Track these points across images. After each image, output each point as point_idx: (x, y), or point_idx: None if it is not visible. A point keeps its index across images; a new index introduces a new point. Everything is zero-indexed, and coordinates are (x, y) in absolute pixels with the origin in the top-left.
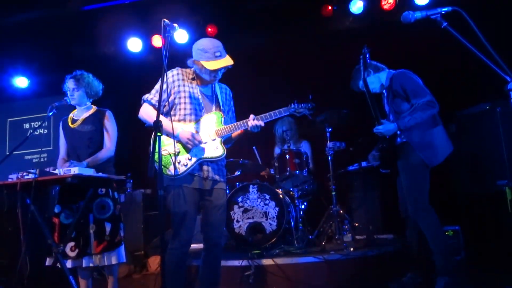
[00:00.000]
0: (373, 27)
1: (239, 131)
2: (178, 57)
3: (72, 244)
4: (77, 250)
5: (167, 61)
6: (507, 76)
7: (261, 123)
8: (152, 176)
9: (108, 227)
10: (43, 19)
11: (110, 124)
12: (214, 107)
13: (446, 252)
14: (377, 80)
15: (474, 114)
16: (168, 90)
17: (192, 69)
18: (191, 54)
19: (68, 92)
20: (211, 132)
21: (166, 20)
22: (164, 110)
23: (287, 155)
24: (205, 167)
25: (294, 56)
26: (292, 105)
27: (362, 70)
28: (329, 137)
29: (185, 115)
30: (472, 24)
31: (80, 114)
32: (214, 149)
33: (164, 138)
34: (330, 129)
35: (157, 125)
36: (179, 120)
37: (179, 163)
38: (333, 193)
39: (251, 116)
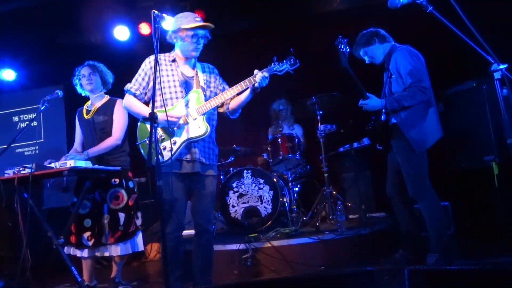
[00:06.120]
0: (359, 9)
1: (240, 98)
2: (165, 43)
3: (88, 234)
4: (93, 240)
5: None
6: (490, 57)
7: (266, 74)
8: (151, 166)
9: (121, 218)
10: (29, 9)
11: (119, 113)
12: (195, 86)
13: (441, 233)
14: (381, 51)
15: (461, 92)
16: (147, 78)
17: (173, 53)
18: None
19: (83, 80)
20: (192, 112)
21: (156, 11)
22: (146, 97)
23: (279, 140)
24: (192, 149)
25: (282, 40)
26: (273, 64)
27: (342, 58)
28: (320, 120)
29: (165, 99)
30: (456, 7)
31: (94, 104)
32: (196, 128)
33: (148, 127)
34: (321, 112)
35: (152, 116)
36: (160, 106)
37: (164, 149)
38: (326, 174)
39: (255, 71)
